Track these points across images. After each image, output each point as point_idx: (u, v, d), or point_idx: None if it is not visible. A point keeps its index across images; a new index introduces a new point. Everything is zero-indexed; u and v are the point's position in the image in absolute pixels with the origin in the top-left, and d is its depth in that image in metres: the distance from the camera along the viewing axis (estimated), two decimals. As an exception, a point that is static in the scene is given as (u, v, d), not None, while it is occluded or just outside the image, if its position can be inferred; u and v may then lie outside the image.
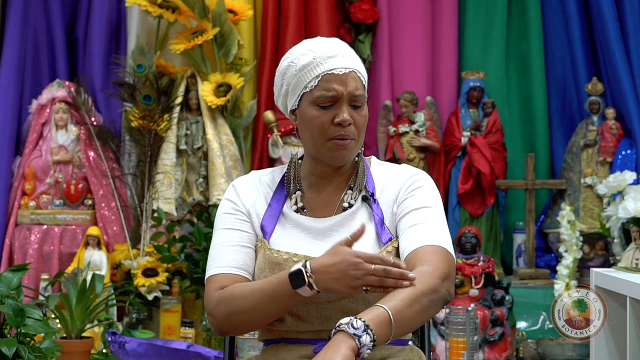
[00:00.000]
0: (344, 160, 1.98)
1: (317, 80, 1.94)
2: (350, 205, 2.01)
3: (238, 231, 2.00)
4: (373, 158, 2.12)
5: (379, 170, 2.07)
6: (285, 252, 1.95)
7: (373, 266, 1.76)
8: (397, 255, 1.96)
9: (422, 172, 2.07)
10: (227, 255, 1.97)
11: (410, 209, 1.96)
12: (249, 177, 2.10)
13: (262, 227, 2.01)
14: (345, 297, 1.92)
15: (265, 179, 2.08)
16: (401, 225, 1.96)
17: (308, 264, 1.80)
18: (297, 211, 2.02)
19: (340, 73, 1.94)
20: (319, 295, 1.89)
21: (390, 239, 1.96)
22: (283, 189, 2.06)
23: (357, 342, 1.68)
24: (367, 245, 1.95)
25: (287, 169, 2.07)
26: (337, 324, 1.71)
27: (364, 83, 1.99)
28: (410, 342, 1.99)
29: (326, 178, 2.03)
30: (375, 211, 1.99)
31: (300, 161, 2.09)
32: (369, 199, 2.00)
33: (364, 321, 1.70)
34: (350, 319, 1.70)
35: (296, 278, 1.79)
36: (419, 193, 1.99)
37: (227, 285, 1.93)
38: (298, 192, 2.04)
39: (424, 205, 1.97)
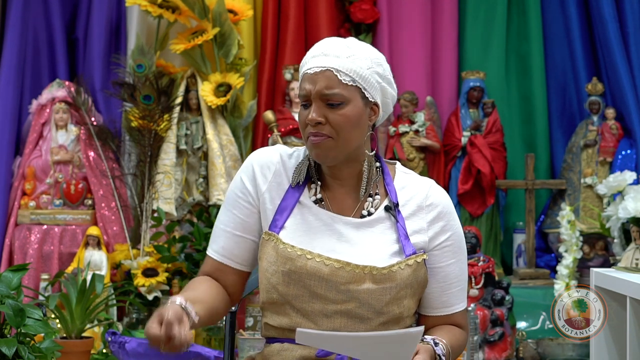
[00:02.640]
0: (321, 158, 1.94)
1: (300, 81, 1.97)
2: (370, 213, 1.99)
3: (237, 217, 2.02)
4: (398, 165, 2.09)
5: (403, 181, 2.04)
6: (299, 248, 1.94)
7: None
8: (418, 269, 1.96)
9: (445, 194, 2.05)
10: (220, 240, 2.04)
11: (449, 261, 2.02)
12: (271, 155, 2.04)
13: (274, 219, 1.98)
14: (352, 301, 1.92)
15: (287, 161, 2.03)
16: (440, 277, 2.02)
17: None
18: (315, 202, 2.00)
19: (311, 72, 1.94)
20: (327, 294, 1.91)
21: (413, 253, 1.96)
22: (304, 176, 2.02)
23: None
24: (389, 254, 1.95)
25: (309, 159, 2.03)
26: (423, 338, 1.90)
27: (348, 81, 1.92)
28: None
29: (337, 179, 2.01)
30: (400, 223, 1.98)
31: None
32: (392, 209, 1.98)
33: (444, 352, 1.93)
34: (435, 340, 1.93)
35: None
36: (454, 240, 2.03)
37: (210, 272, 2.04)
38: (319, 182, 2.01)
39: (459, 257, 2.04)
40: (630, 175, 4.10)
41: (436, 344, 1.91)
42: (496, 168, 4.87)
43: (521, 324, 4.51)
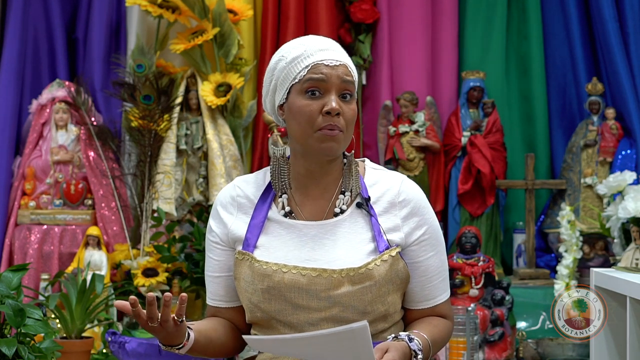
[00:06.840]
0: (333, 152, 1.95)
1: (306, 70, 1.95)
2: (342, 211, 1.99)
3: (213, 259, 2.07)
4: (367, 161, 2.09)
5: (373, 177, 2.05)
6: (274, 264, 1.95)
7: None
8: (394, 263, 1.96)
9: (417, 188, 2.05)
10: (209, 286, 2.11)
11: (427, 255, 2.03)
12: (230, 191, 2.07)
13: (246, 238, 1.99)
14: (335, 306, 1.93)
15: (247, 189, 2.06)
16: (420, 271, 2.02)
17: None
18: (285, 216, 2.00)
19: (330, 64, 1.95)
20: (309, 304, 1.92)
21: (387, 248, 1.96)
22: (268, 194, 2.03)
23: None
24: (364, 253, 1.95)
25: (272, 168, 2.04)
26: (397, 335, 1.90)
27: (354, 80, 1.98)
28: None
29: (314, 178, 2.00)
30: (374, 217, 1.98)
31: (288, 158, 2.06)
32: (364, 205, 1.99)
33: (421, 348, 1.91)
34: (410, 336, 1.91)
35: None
36: (431, 234, 2.03)
37: (211, 316, 2.12)
38: (285, 196, 2.02)
39: (437, 249, 2.05)
40: (630, 175, 4.11)
41: (411, 340, 1.90)
42: (496, 168, 4.87)
43: (521, 324, 4.51)
